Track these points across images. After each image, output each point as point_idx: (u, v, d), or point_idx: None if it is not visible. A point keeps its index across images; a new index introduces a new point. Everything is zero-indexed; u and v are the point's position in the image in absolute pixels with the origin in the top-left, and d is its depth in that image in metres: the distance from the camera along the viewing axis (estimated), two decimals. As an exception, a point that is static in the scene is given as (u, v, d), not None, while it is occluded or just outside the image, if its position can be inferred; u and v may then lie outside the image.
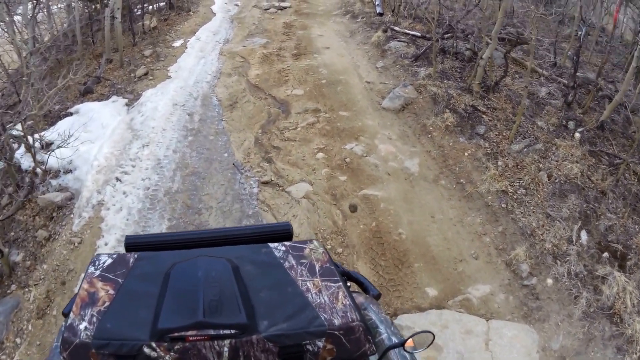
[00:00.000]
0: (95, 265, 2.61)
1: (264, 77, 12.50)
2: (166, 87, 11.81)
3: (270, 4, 19.90)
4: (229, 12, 18.85)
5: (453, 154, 9.45)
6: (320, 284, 2.45)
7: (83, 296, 2.40)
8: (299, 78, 12.31)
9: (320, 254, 2.66)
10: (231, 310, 2.21)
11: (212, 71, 12.91)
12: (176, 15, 18.23)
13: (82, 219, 7.97)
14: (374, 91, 11.77)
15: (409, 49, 13.31)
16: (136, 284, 2.48)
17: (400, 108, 11.00)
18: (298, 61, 13.40)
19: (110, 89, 12.46)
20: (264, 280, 2.45)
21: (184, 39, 15.33)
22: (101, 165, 8.91)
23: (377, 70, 12.81)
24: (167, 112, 10.67)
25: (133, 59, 14.09)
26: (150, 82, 12.34)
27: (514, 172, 8.63)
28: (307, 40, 15.29)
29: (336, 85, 11.93)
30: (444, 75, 11.92)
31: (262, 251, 2.67)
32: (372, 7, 17.78)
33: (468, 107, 10.55)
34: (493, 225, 7.70)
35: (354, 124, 10.43)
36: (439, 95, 11.00)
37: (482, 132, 9.88)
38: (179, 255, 2.61)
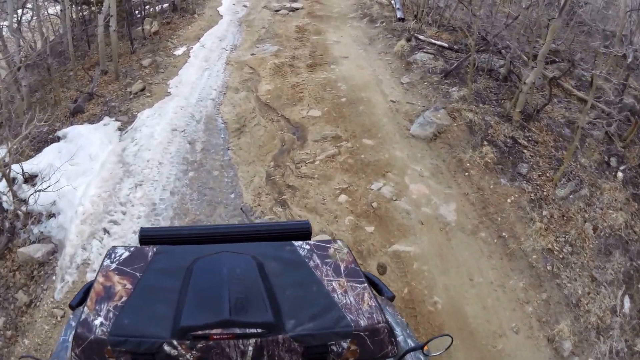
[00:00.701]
0: (111, 258, 2.47)
1: (275, 93, 10.81)
2: (165, 107, 10.18)
3: (281, 5, 18.13)
4: (236, 14, 17.09)
5: (494, 199, 8.09)
6: (346, 284, 2.35)
7: (98, 290, 2.25)
8: (316, 95, 10.63)
9: (345, 254, 2.57)
10: (258, 308, 2.08)
11: (218, 85, 11.23)
12: (180, 19, 16.55)
13: (66, 283, 6.63)
14: (400, 113, 10.11)
15: (437, 63, 11.60)
16: (156, 278, 2.34)
17: (432, 137, 9.45)
18: (314, 73, 11.70)
19: (103, 107, 11.00)
20: (289, 279, 2.34)
21: (187, 46, 13.64)
22: (87, 213, 7.46)
23: (403, 86, 11.11)
24: (164, 139, 9.11)
25: (130, 70, 12.53)
26: (147, 99, 10.79)
27: (559, 225, 7.64)
28: (322, 48, 13.57)
29: (357, 105, 10.27)
30: (479, 97, 10.40)
31: (286, 249, 2.56)
32: (392, 10, 16.03)
33: (508, 139, 9.17)
34: (537, 291, 6.73)
35: (380, 156, 8.90)
36: (475, 123, 9.51)
37: (524, 172, 8.58)
38: (200, 250, 2.47)
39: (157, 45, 14.09)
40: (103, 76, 12.57)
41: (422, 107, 10.29)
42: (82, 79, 12.46)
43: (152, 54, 13.40)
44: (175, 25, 16.14)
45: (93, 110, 10.92)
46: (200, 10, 17.38)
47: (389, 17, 15.60)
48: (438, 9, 15.04)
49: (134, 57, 13.53)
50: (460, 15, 14.54)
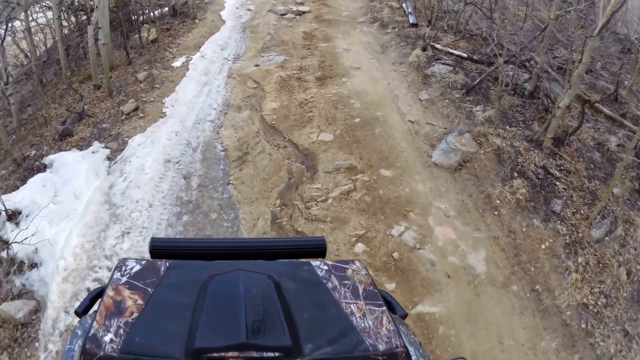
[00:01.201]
0: (122, 271, 2.36)
1: (282, 112, 9.65)
2: (158, 132, 9.09)
3: (287, 8, 16.90)
4: (240, 19, 15.85)
5: (527, 245, 7.14)
6: (365, 307, 2.23)
7: (108, 304, 2.14)
8: (326, 114, 9.48)
9: (363, 275, 2.45)
10: (275, 331, 1.94)
11: (218, 104, 10.09)
12: (180, 24, 15.35)
13: (49, 353, 5.77)
14: (420, 136, 8.97)
15: (457, 76, 10.42)
16: (168, 295, 2.21)
17: (457, 166, 8.42)
18: (323, 88, 10.52)
19: (93, 129, 9.92)
20: (307, 300, 2.21)
21: (186, 57, 12.46)
22: (69, 268, 6.46)
23: (421, 103, 9.94)
24: (156, 173, 8.02)
25: (125, 84, 11.41)
26: (139, 122, 9.72)
27: (595, 273, 6.92)
28: (332, 57, 12.37)
29: (373, 126, 9.15)
30: (505, 117, 9.38)
31: (304, 269, 2.44)
32: (403, 14, 14.76)
33: (539, 169, 8.24)
34: (569, 352, 6.02)
35: (401, 191, 7.84)
36: (503, 150, 8.52)
37: (558, 210, 7.66)
38: (215, 266, 2.37)
39: (155, 55, 12.92)
40: (96, 91, 11.50)
41: (443, 128, 9.15)
42: (74, 93, 11.36)
43: (149, 65, 12.23)
44: (175, 31, 14.95)
45: (83, 133, 9.82)
46: (202, 15, 16.14)
47: (401, 22, 14.37)
48: (453, 14, 13.74)
49: (130, 68, 12.37)
50: (475, 18, 13.26)
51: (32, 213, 7.13)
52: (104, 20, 11.23)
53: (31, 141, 10.23)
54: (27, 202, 7.47)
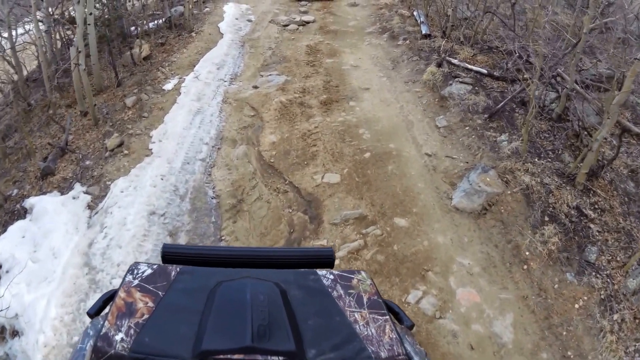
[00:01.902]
0: (134, 274, 2.46)
1: (282, 147, 8.53)
2: (142, 176, 8.09)
3: (289, 18, 15.76)
4: (239, 31, 14.73)
5: (559, 305, 6.12)
6: (368, 316, 2.33)
7: (120, 305, 2.24)
8: (332, 149, 8.37)
9: (368, 285, 2.54)
10: (280, 336, 2.04)
11: (210, 137, 8.99)
12: (176, 38, 14.28)
13: None
14: (438, 172, 7.85)
15: (478, 97, 9.22)
16: (178, 298, 2.31)
17: (481, 210, 7.26)
18: (329, 115, 9.39)
19: (75, 167, 8.97)
20: (311, 308, 2.32)
21: (179, 77, 11.35)
22: (48, 345, 5.70)
23: (439, 131, 8.79)
24: (139, 230, 7.02)
25: (112, 111, 10.45)
26: (124, 160, 8.73)
27: (631, 330, 5.91)
28: (338, 75, 11.20)
29: (385, 162, 8.06)
30: (532, 146, 8.20)
31: (310, 277, 2.54)
32: (415, 23, 13.52)
33: (572, 211, 7.07)
34: None
35: (418, 245, 6.73)
36: (533, 189, 7.35)
37: (593, 259, 6.57)
38: (224, 273, 2.46)
39: (146, 75, 11.86)
40: (82, 118, 10.55)
41: (465, 162, 8.02)
42: (61, 120, 10.51)
43: (139, 88, 11.16)
44: (169, 46, 13.87)
45: (65, 172, 8.90)
46: (199, 27, 15.04)
47: (413, 33, 13.17)
48: (469, 23, 12.49)
49: (119, 91, 11.33)
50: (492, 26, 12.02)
51: (11, 269, 6.58)
52: (93, 43, 10.26)
53: (14, 177, 9.45)
54: (7, 255, 6.82)
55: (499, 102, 9.29)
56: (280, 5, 18.15)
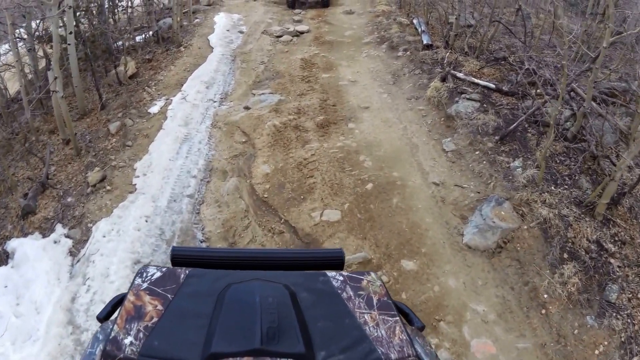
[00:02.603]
0: (143, 277, 2.44)
1: (276, 178, 7.81)
2: (126, 217, 7.48)
3: (283, 29, 15.01)
4: (230, 44, 13.98)
5: (579, 352, 5.57)
6: (378, 317, 2.30)
7: (129, 308, 2.23)
8: (331, 180, 7.67)
9: (378, 287, 2.51)
10: (289, 338, 2.00)
11: (199, 168, 8.25)
12: (163, 53, 13.53)
13: None
14: (447, 204, 7.16)
15: (487, 116, 8.50)
16: (187, 302, 2.29)
17: (495, 248, 6.59)
18: (326, 140, 8.67)
19: (56, 205, 8.28)
20: (321, 310, 2.29)
21: (166, 98, 10.64)
22: None
23: (446, 156, 8.06)
24: (123, 282, 6.35)
25: (95, 138, 9.83)
26: (106, 198, 8.03)
27: None
28: (335, 93, 10.47)
29: (389, 194, 7.36)
30: (548, 171, 7.50)
31: (320, 279, 2.51)
32: (415, 33, 12.78)
33: (591, 245, 6.41)
34: None
35: (428, 291, 6.08)
36: (551, 223, 6.65)
37: (614, 298, 6.01)
38: (233, 275, 2.44)
39: (132, 96, 11.15)
40: (65, 147, 9.87)
41: (476, 192, 7.31)
42: (43, 148, 9.87)
43: (124, 111, 10.46)
44: (157, 63, 13.13)
45: (46, 210, 8.23)
46: (188, 41, 14.28)
47: (413, 43, 12.42)
48: (474, 31, 11.73)
49: (104, 115, 10.62)
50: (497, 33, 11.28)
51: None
52: (74, 64, 9.66)
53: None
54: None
55: (509, 121, 8.57)
56: (274, 14, 17.42)
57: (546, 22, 12.51)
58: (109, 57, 12.57)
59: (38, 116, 10.95)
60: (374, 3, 18.08)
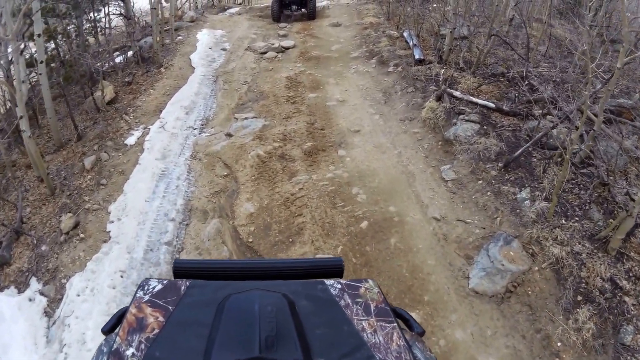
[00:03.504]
0: (145, 289, 2.50)
1: (261, 219, 7.16)
2: (100, 272, 6.81)
3: (267, 44, 14.33)
4: (212, 62, 13.27)
5: None
6: (375, 324, 2.35)
7: (131, 321, 2.29)
8: (322, 218, 7.03)
9: (375, 294, 2.55)
10: (288, 346, 2.04)
11: (177, 209, 7.57)
12: (144, 75, 12.79)
13: None
14: (450, 242, 6.52)
15: (489, 140, 7.86)
16: (188, 312, 2.35)
17: (505, 293, 5.99)
18: (315, 171, 7.99)
19: (31, 254, 7.68)
20: (319, 318, 2.34)
21: (144, 127, 9.93)
22: None
23: (446, 186, 7.38)
24: None
25: (70, 174, 9.18)
26: (79, 249, 7.33)
27: None
28: (323, 115, 9.80)
29: (387, 234, 6.74)
30: (557, 202, 6.79)
31: (318, 288, 2.55)
32: (405, 46, 12.09)
33: (605, 284, 5.87)
34: None
35: (433, 347, 5.46)
36: (564, 262, 6.05)
37: (628, 341, 5.54)
38: (233, 286, 2.48)
39: (109, 125, 10.42)
40: (39, 184, 9.19)
41: (481, 229, 6.68)
42: (20, 185, 9.23)
43: (100, 143, 9.79)
44: (137, 86, 12.42)
45: (20, 261, 7.64)
46: (170, 61, 13.56)
47: (405, 57, 11.74)
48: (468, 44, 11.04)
49: (80, 146, 9.93)
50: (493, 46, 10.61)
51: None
52: (47, 95, 9.26)
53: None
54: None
55: (512, 145, 7.91)
56: (258, 29, 16.74)
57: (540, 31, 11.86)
58: (87, 81, 11.82)
59: (14, 149, 10.21)
60: (361, 14, 17.43)
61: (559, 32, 13.02)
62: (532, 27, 12.42)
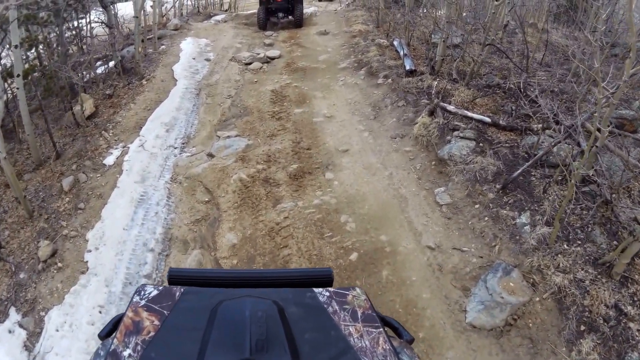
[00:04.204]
0: (141, 295, 2.58)
1: (245, 250, 6.80)
2: (78, 306, 6.46)
3: (253, 54, 13.91)
4: (195, 74, 12.81)
5: None
6: (362, 329, 2.43)
7: (128, 324, 2.37)
8: (309, 250, 6.73)
9: (363, 301, 2.63)
10: (277, 349, 2.12)
11: (156, 239, 7.20)
12: (125, 88, 12.32)
13: None
14: (446, 272, 6.20)
15: (485, 159, 7.48)
16: (182, 317, 2.43)
17: (504, 326, 5.65)
18: (301, 196, 7.61)
19: (10, 281, 7.31)
20: (308, 323, 2.42)
21: (123, 145, 9.53)
22: None
23: (441, 211, 7.00)
24: None
25: (48, 196, 8.71)
26: (57, 279, 6.95)
27: None
28: (309, 132, 9.38)
29: (378, 266, 6.44)
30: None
31: (307, 295, 2.64)
32: (396, 56, 11.70)
33: (610, 311, 5.54)
34: None
35: None
36: (566, 291, 5.71)
37: None
38: (225, 293, 2.57)
39: (87, 142, 9.93)
40: (18, 205, 8.68)
41: (478, 257, 6.34)
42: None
43: (78, 162, 9.43)
44: (117, 99, 11.96)
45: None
46: (152, 72, 13.10)
47: (395, 68, 11.33)
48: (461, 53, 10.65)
49: (58, 165, 9.53)
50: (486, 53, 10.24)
51: None
52: (24, 111, 8.83)
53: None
54: None
55: (510, 163, 7.53)
56: (243, 37, 16.29)
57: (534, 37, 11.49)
58: (67, 93, 11.35)
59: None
60: (349, 22, 17.01)
61: (554, 38, 12.68)
62: (527, 33, 12.05)
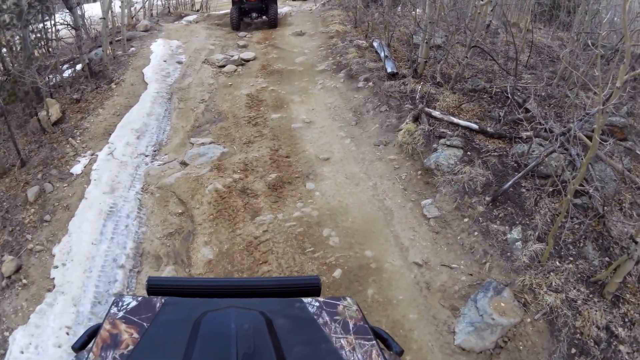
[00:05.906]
0: (118, 306, 2.49)
1: (221, 266, 6.66)
2: (44, 327, 6.06)
3: (226, 56, 13.60)
4: (167, 78, 12.43)
5: None
6: (354, 341, 2.35)
7: (105, 337, 2.28)
8: (290, 266, 6.63)
9: (354, 311, 2.57)
10: None
11: (127, 254, 6.95)
12: (93, 92, 11.91)
13: None
14: (433, 291, 6.06)
15: (474, 169, 7.31)
16: (163, 329, 2.34)
17: (493, 348, 5.48)
18: (281, 208, 7.35)
19: None
20: (297, 336, 2.34)
21: (91, 154, 9.19)
22: None
23: (428, 224, 6.80)
24: None
25: (13, 207, 8.26)
26: (22, 297, 6.56)
27: None
28: (288, 139, 9.11)
29: (363, 284, 6.29)
30: None
31: (296, 306, 2.57)
32: (376, 57, 11.50)
33: (601, 333, 5.48)
34: None
35: None
36: (558, 312, 5.59)
37: None
38: (209, 303, 2.48)
39: (54, 149, 9.57)
40: None
41: (468, 275, 6.19)
42: None
43: (44, 170, 9.08)
44: (85, 104, 11.56)
45: None
46: (121, 75, 12.69)
47: (376, 71, 11.12)
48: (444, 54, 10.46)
49: (24, 173, 9.13)
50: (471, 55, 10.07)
51: None
52: None
53: None
54: None
55: (499, 173, 7.37)
56: (216, 39, 15.93)
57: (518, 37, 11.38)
58: (32, 98, 10.91)
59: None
60: (326, 22, 16.75)
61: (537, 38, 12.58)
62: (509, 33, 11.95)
